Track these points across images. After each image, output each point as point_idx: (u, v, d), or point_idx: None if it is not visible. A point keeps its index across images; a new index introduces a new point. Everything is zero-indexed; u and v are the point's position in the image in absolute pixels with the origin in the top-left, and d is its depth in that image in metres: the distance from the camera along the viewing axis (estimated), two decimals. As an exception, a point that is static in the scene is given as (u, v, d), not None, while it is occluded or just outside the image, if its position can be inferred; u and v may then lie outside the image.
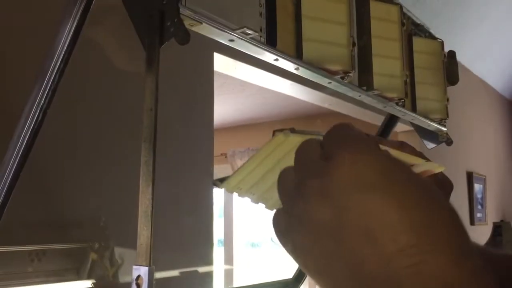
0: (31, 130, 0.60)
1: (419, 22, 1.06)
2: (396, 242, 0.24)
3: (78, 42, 0.57)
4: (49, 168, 1.22)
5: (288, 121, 3.60)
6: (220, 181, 0.44)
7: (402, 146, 0.54)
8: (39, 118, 0.60)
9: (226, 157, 3.74)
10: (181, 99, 1.53)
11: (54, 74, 0.58)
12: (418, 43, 1.04)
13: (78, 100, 1.21)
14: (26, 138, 0.60)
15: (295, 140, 0.36)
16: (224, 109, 3.44)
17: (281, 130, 0.39)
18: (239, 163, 3.72)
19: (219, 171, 3.37)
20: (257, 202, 0.43)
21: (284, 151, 0.39)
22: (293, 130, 0.39)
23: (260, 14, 0.66)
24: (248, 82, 2.02)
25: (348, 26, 0.77)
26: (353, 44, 0.77)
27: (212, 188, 1.78)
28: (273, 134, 0.40)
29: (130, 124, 1.28)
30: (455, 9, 2.98)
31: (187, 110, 1.58)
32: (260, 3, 0.67)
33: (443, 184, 0.55)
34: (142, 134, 0.53)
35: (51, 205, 1.28)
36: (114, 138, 1.35)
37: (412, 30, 1.05)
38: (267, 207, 0.42)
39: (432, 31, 1.20)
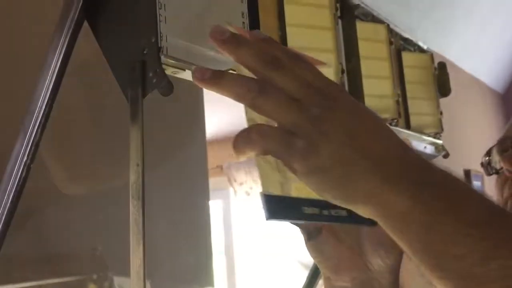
0: (15, 187, 0.58)
1: (407, 36, 1.04)
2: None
3: (57, 95, 0.56)
4: (41, 202, 1.20)
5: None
6: None
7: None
8: (23, 174, 0.58)
9: (222, 169, 3.72)
10: (170, 113, 1.51)
11: (36, 129, 0.57)
12: (408, 57, 1.03)
13: (66, 130, 1.20)
14: (12, 195, 0.58)
15: None
16: (217, 121, 3.41)
17: None
18: (236, 175, 3.69)
19: (215, 184, 3.35)
20: None
21: None
22: None
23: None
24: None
25: (335, 53, 0.75)
26: (342, 71, 0.75)
27: (209, 206, 1.76)
28: None
29: (123, 152, 1.26)
30: (442, 8, 2.98)
31: (177, 124, 1.56)
32: (244, 39, 0.65)
33: None
34: (130, 191, 0.51)
35: (45, 239, 1.26)
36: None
37: (401, 45, 1.04)
38: None
39: (420, 33, 1.20)
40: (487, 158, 0.74)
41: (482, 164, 0.74)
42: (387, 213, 0.34)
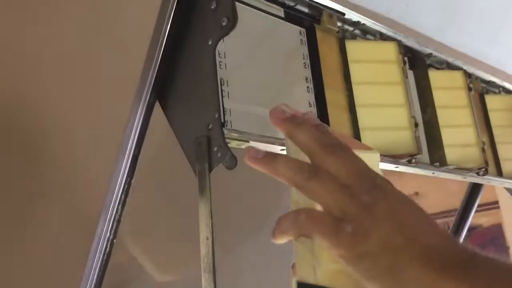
0: (100, 262, 0.62)
1: (490, 78, 0.99)
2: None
3: (135, 173, 0.59)
4: (124, 276, 1.23)
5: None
6: None
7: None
8: (107, 250, 0.61)
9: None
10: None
11: (116, 206, 0.60)
12: (492, 101, 0.98)
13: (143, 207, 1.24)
14: (97, 270, 0.61)
15: None
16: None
17: None
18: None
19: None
20: None
21: None
22: None
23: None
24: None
25: (407, 107, 0.73)
26: (416, 125, 0.73)
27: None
28: None
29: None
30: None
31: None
32: (309, 103, 0.66)
33: None
34: (201, 264, 0.52)
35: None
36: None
37: (483, 88, 0.99)
38: None
39: (509, 67, 1.13)
40: None
41: None
42: None
